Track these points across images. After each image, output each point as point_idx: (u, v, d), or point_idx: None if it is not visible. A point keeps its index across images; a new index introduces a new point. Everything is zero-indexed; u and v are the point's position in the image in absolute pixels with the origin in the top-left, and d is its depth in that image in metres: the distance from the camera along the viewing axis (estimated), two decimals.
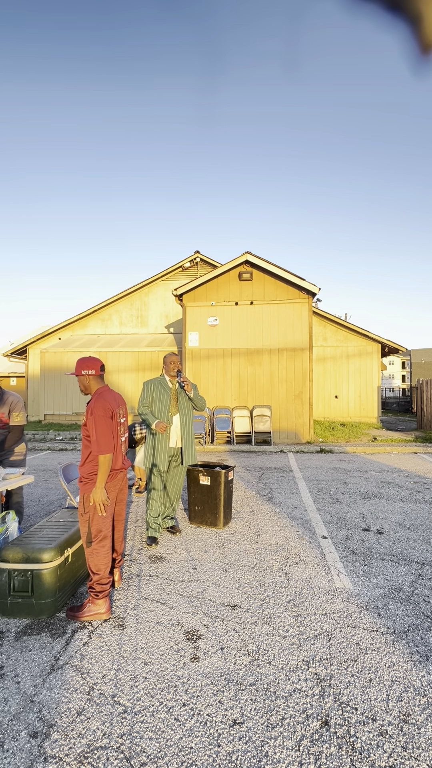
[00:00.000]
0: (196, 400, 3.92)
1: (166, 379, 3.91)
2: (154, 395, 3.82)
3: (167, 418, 3.77)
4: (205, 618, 2.49)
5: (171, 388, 3.86)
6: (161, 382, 3.88)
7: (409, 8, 0.47)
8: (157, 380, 3.90)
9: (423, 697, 1.83)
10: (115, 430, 2.63)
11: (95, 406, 2.55)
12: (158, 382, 3.88)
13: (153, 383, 3.88)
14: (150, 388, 3.86)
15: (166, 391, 3.84)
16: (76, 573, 2.84)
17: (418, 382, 13.82)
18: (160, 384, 3.87)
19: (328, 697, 1.84)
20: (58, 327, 15.18)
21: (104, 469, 2.51)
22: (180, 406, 3.86)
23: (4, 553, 2.55)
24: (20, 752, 1.56)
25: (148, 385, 3.89)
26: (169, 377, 3.92)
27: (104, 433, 2.53)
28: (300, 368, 10.64)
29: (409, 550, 3.55)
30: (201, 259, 14.89)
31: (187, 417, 3.89)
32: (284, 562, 3.32)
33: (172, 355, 3.92)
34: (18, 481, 3.40)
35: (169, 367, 3.90)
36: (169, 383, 3.89)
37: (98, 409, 2.54)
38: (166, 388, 3.85)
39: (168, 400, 3.81)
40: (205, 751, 1.56)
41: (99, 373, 2.71)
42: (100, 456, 2.51)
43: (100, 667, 2.04)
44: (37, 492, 5.79)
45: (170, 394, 3.83)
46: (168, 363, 3.91)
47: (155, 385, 3.86)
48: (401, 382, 43.92)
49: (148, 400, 3.82)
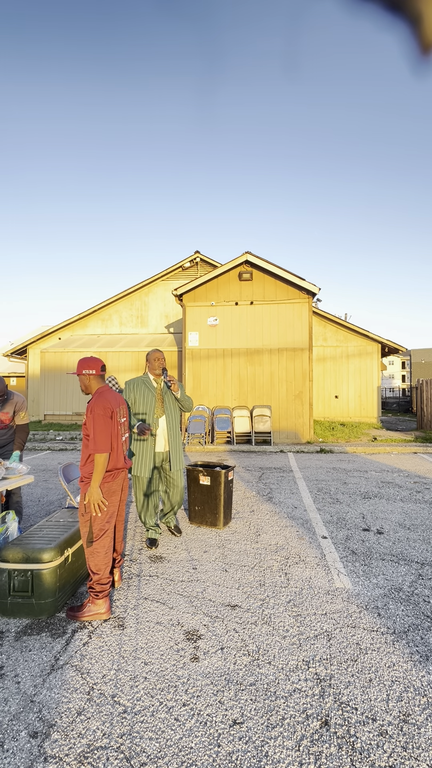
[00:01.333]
0: (183, 400, 3.63)
1: (150, 378, 3.63)
2: (137, 396, 3.54)
3: (153, 421, 3.52)
4: (205, 618, 2.49)
5: (156, 387, 3.60)
6: (145, 382, 3.60)
7: (409, 8, 0.47)
8: (140, 379, 3.62)
9: (423, 697, 1.83)
10: (115, 429, 2.62)
11: (95, 405, 2.56)
12: (141, 382, 3.60)
13: (135, 382, 3.60)
14: (132, 387, 3.58)
15: (150, 391, 3.57)
16: (76, 573, 2.84)
17: (418, 382, 13.82)
18: (144, 383, 3.59)
19: (328, 697, 1.84)
20: (58, 327, 15.18)
21: (101, 468, 2.51)
22: (166, 407, 3.60)
23: (4, 553, 2.55)
24: (20, 752, 1.56)
25: (131, 384, 3.61)
26: (153, 376, 3.63)
27: (102, 431, 2.53)
28: (300, 368, 10.63)
29: (409, 550, 3.55)
30: (201, 259, 14.89)
31: (173, 419, 3.64)
32: (284, 562, 3.32)
33: (156, 352, 3.62)
34: (18, 481, 3.40)
35: (153, 365, 3.60)
36: (153, 383, 3.62)
37: (97, 408, 2.55)
38: (150, 388, 3.58)
39: (153, 401, 3.54)
40: (205, 751, 1.56)
41: (100, 373, 2.72)
42: (97, 455, 2.51)
43: (100, 667, 2.04)
44: (37, 492, 5.79)
45: (155, 395, 3.57)
46: (152, 360, 3.59)
47: (138, 384, 3.58)
48: (401, 382, 43.93)
49: (130, 401, 3.55)
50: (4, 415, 3.81)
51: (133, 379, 3.64)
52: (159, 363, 3.58)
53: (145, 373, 3.73)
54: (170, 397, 3.64)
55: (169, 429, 3.59)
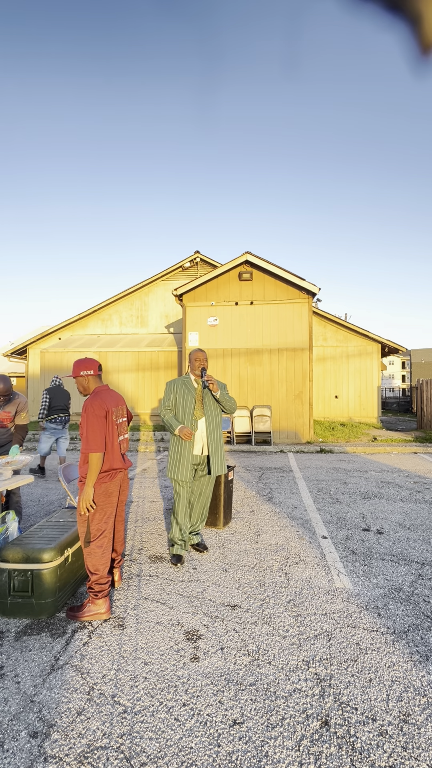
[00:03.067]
0: (224, 401, 3.43)
1: (191, 379, 3.47)
2: (178, 397, 3.41)
3: (192, 423, 3.36)
4: (205, 618, 2.49)
5: (196, 388, 3.44)
6: (185, 382, 3.46)
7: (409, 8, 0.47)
8: (181, 380, 3.49)
9: (423, 697, 1.83)
10: (110, 429, 2.61)
11: (88, 404, 2.54)
12: (182, 382, 3.46)
13: (176, 383, 3.47)
14: (173, 388, 3.45)
15: (190, 392, 3.42)
16: (76, 573, 2.84)
17: (418, 382, 13.82)
18: (184, 384, 3.44)
19: (328, 697, 1.84)
20: (58, 327, 15.18)
21: (94, 468, 2.49)
22: (206, 408, 3.42)
23: (4, 553, 2.55)
24: (20, 752, 1.56)
25: (171, 385, 3.47)
26: (194, 376, 3.48)
27: (94, 430, 2.50)
28: (300, 368, 10.63)
29: (409, 550, 3.55)
30: (201, 259, 14.89)
31: (214, 421, 3.45)
32: (284, 562, 3.32)
33: (198, 352, 3.45)
34: (18, 481, 3.40)
35: (194, 365, 3.45)
36: (194, 383, 3.47)
37: (90, 407, 2.53)
38: (190, 389, 3.43)
39: (192, 402, 3.39)
40: (205, 751, 1.55)
41: (97, 373, 2.72)
42: (91, 454, 2.49)
43: (100, 667, 2.04)
44: (37, 492, 5.79)
45: (195, 396, 3.41)
46: (193, 360, 3.45)
47: (178, 385, 3.45)
48: (401, 382, 43.93)
49: (171, 403, 3.41)
50: (5, 415, 3.82)
51: (173, 380, 3.52)
52: (199, 363, 3.43)
53: (186, 373, 3.61)
54: (210, 398, 3.48)
55: (208, 431, 3.40)
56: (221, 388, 3.43)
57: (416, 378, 26.14)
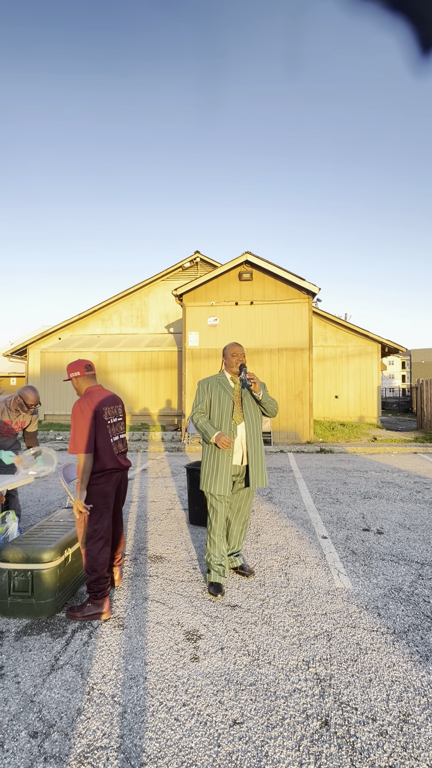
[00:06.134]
0: (267, 403, 2.93)
1: (227, 377, 3.00)
2: (213, 398, 2.93)
3: (230, 429, 2.87)
4: (205, 618, 2.49)
5: (234, 388, 2.96)
6: (221, 381, 2.98)
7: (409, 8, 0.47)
8: (215, 379, 3.00)
9: (423, 697, 1.83)
10: (102, 429, 2.58)
11: (76, 405, 2.54)
12: (217, 381, 2.98)
13: (210, 382, 2.98)
14: (206, 388, 2.97)
15: (227, 392, 2.93)
16: (76, 573, 2.84)
17: (418, 382, 13.82)
18: (220, 383, 2.96)
19: (328, 697, 1.84)
20: (58, 327, 15.18)
21: (84, 469, 2.47)
22: (246, 412, 2.92)
23: (4, 553, 2.55)
24: (20, 752, 1.56)
25: (204, 385, 2.99)
26: (230, 374, 3.00)
27: (81, 431, 2.48)
28: (300, 368, 10.63)
29: (409, 550, 3.55)
30: (201, 259, 14.89)
31: (254, 426, 2.94)
32: (284, 562, 3.32)
33: (234, 346, 2.99)
34: (18, 481, 3.40)
35: (230, 361, 2.96)
36: (230, 382, 2.98)
37: (77, 408, 2.53)
38: (227, 389, 2.94)
39: (230, 404, 2.90)
40: (205, 751, 1.55)
41: (85, 374, 2.70)
42: (78, 455, 2.47)
43: (100, 667, 2.04)
44: (37, 492, 5.79)
45: (233, 397, 2.92)
46: (229, 356, 2.97)
47: (213, 384, 2.97)
48: (401, 382, 43.93)
49: (204, 405, 2.95)
50: (22, 425, 3.88)
51: (207, 379, 3.02)
52: (237, 359, 2.94)
53: (221, 371, 3.10)
54: (250, 399, 2.96)
55: (249, 438, 2.90)
56: (262, 387, 2.92)
57: (416, 378, 26.14)
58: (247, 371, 2.83)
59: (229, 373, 3.00)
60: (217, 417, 2.91)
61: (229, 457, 2.86)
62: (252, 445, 2.90)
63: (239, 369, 2.89)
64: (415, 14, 0.46)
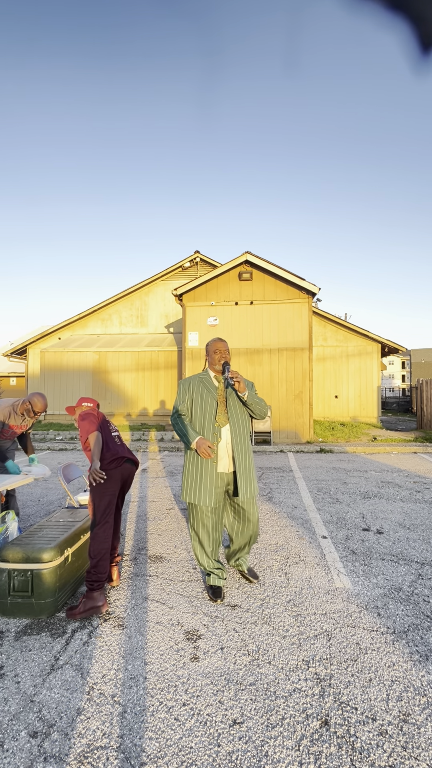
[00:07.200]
0: (253, 404, 2.69)
1: (210, 376, 2.79)
2: (195, 398, 2.73)
3: (214, 432, 2.66)
4: (205, 618, 2.49)
5: (217, 387, 2.75)
6: (203, 380, 2.77)
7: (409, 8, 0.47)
8: (197, 378, 2.80)
9: (423, 697, 1.83)
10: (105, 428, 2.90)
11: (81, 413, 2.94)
12: (199, 380, 2.78)
13: (192, 382, 2.79)
14: (188, 388, 2.77)
15: (210, 392, 2.72)
16: (76, 573, 2.84)
17: (418, 382, 13.82)
18: (202, 382, 2.76)
19: (328, 696, 1.84)
20: (58, 327, 15.18)
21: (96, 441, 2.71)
22: (231, 413, 2.70)
23: (4, 553, 2.55)
24: (20, 752, 1.55)
25: (186, 384, 2.80)
26: (214, 373, 2.80)
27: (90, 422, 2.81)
28: (300, 368, 10.64)
29: (409, 550, 3.55)
30: (201, 259, 14.89)
31: (241, 429, 2.72)
32: (284, 561, 3.32)
33: (218, 341, 2.79)
34: (18, 481, 3.40)
35: (213, 359, 2.76)
36: (214, 381, 2.77)
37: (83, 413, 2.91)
38: (210, 389, 2.73)
39: (214, 405, 2.69)
40: (205, 751, 1.55)
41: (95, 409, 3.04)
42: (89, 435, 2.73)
43: (100, 667, 2.04)
44: (37, 492, 5.79)
45: (216, 397, 2.72)
46: (211, 353, 2.77)
47: (194, 384, 2.77)
48: (401, 382, 43.94)
49: (186, 406, 2.75)
50: (23, 428, 3.91)
51: (189, 378, 2.83)
52: (220, 356, 2.73)
53: (204, 369, 2.88)
54: (235, 399, 2.74)
55: (235, 442, 2.68)
56: (248, 386, 2.72)
57: (416, 378, 26.15)
58: (231, 369, 2.62)
59: (213, 372, 2.81)
60: (199, 419, 2.70)
61: (213, 464, 2.64)
62: (239, 450, 2.68)
63: (222, 367, 2.70)
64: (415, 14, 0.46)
